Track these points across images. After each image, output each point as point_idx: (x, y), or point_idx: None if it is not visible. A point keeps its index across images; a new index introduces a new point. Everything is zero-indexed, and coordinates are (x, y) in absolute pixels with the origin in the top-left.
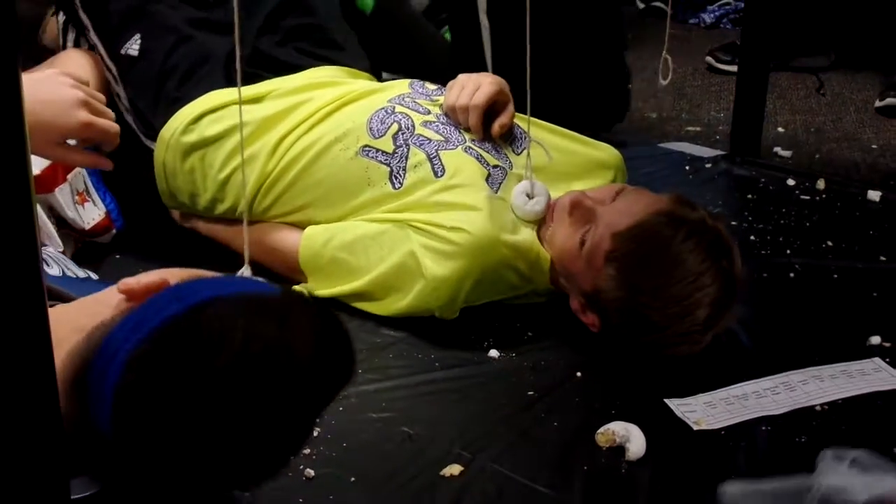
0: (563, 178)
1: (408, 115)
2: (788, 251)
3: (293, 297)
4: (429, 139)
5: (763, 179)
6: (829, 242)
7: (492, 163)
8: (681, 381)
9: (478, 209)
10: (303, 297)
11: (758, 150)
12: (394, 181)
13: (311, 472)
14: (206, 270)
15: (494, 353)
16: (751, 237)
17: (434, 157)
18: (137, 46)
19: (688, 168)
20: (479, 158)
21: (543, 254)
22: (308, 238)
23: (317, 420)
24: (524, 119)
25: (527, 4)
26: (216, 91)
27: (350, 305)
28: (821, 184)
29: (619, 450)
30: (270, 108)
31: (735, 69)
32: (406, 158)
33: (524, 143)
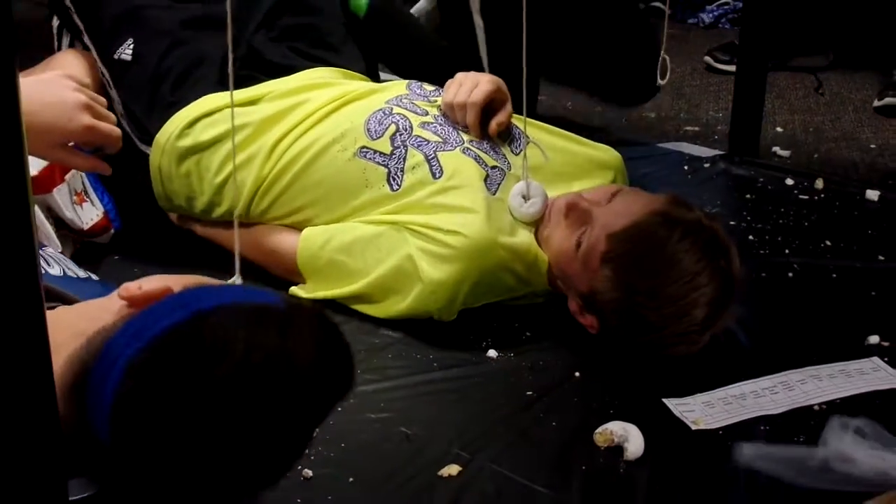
0: (563, 179)
1: (405, 117)
2: (787, 251)
3: (295, 307)
4: (427, 140)
5: (761, 179)
6: (828, 242)
7: (490, 164)
8: (679, 381)
9: (475, 212)
10: (304, 307)
11: (756, 150)
12: (392, 183)
13: (310, 473)
14: (208, 277)
15: (493, 354)
16: (749, 237)
17: (432, 159)
18: (130, 51)
19: (686, 168)
20: (478, 159)
21: (541, 255)
22: (306, 240)
23: (316, 429)
24: (521, 119)
25: (523, 5)
26: (211, 95)
27: (348, 306)
28: (819, 183)
29: (618, 450)
30: (267, 111)
31: (733, 69)
32: (404, 160)
33: (522, 144)
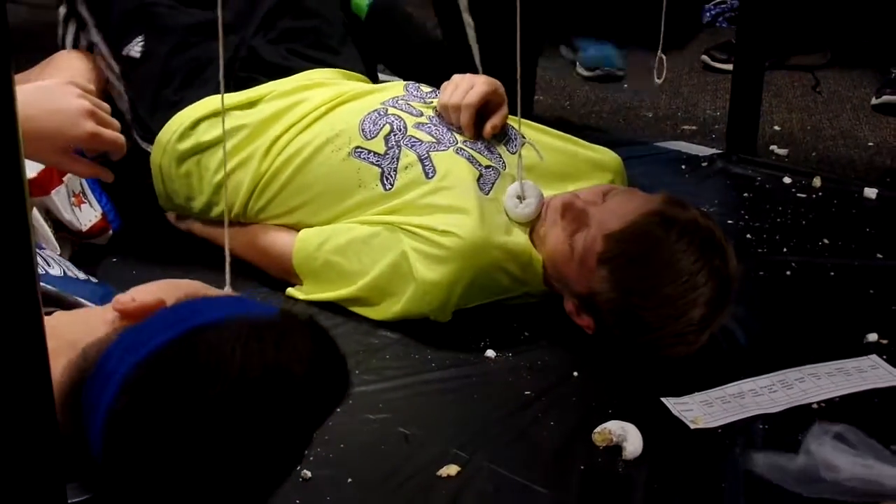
0: (561, 180)
1: (400, 117)
2: (785, 249)
3: (289, 319)
4: (420, 140)
5: (759, 178)
6: (826, 240)
7: (484, 163)
8: (677, 380)
9: (468, 212)
10: (298, 317)
11: (754, 149)
12: (385, 182)
13: (308, 474)
14: (201, 283)
15: (491, 354)
16: (747, 235)
17: (425, 159)
18: (140, 49)
19: (684, 167)
20: (471, 159)
21: (536, 255)
22: (302, 241)
23: (310, 440)
24: (516, 120)
25: (517, 5)
26: (213, 96)
27: (346, 307)
28: (817, 181)
29: (616, 449)
30: (265, 111)
31: (731, 68)
32: (397, 160)
33: (518, 144)
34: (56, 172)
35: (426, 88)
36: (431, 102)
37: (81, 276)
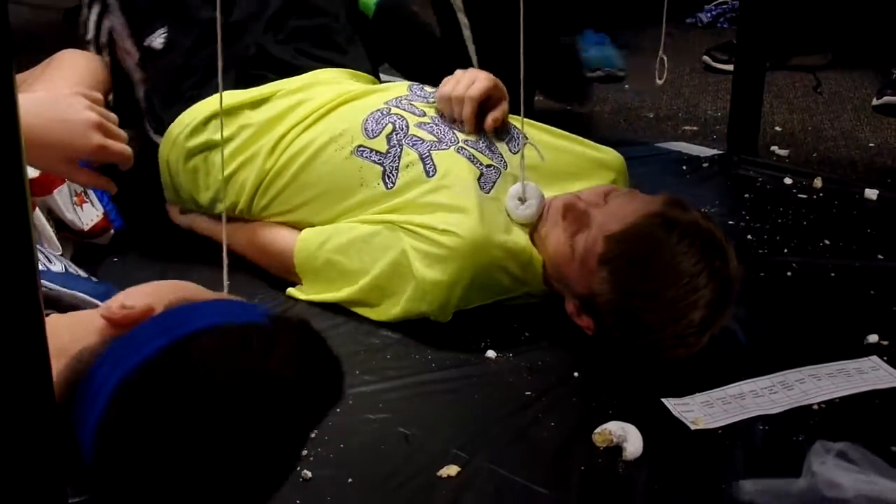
0: (564, 179)
1: (403, 117)
2: (786, 250)
3: (280, 323)
4: (422, 139)
5: (760, 178)
6: (827, 241)
7: (485, 163)
8: (678, 381)
9: (468, 211)
10: (289, 321)
11: (755, 149)
12: (386, 181)
13: (309, 474)
14: (194, 285)
15: (491, 354)
16: (748, 236)
17: (426, 157)
18: (162, 40)
19: (685, 167)
20: (472, 159)
21: (536, 255)
22: (303, 241)
23: (305, 444)
24: (518, 119)
25: (520, 5)
26: (224, 92)
27: (346, 308)
28: (818, 182)
29: (616, 449)
30: (271, 110)
31: (732, 68)
32: (399, 158)
33: (520, 143)
34: None
35: (429, 88)
36: (434, 103)
37: (83, 275)
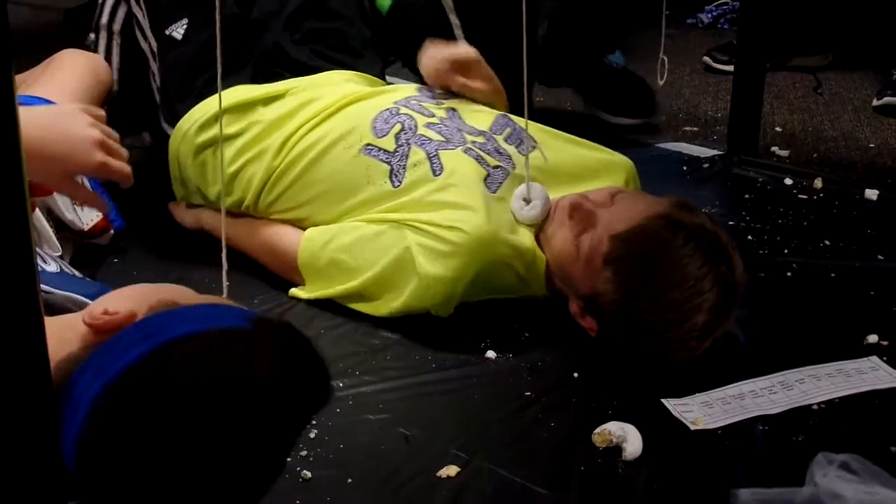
0: (573, 181)
1: (412, 117)
2: (786, 250)
3: (262, 325)
4: (430, 139)
5: (760, 179)
6: (827, 241)
7: (492, 164)
8: (678, 381)
9: (474, 209)
10: (273, 323)
11: (755, 150)
12: (393, 179)
13: (309, 474)
14: (180, 287)
15: (491, 354)
16: (748, 237)
17: (433, 156)
18: (182, 31)
19: (685, 168)
20: (479, 159)
21: (540, 257)
22: (307, 240)
23: (287, 453)
24: (523, 121)
25: (523, 6)
26: (238, 87)
27: (347, 307)
28: (818, 183)
29: (616, 450)
30: (283, 107)
31: (732, 69)
32: (406, 157)
33: (526, 145)
34: None
35: (438, 90)
36: (443, 104)
37: (77, 275)
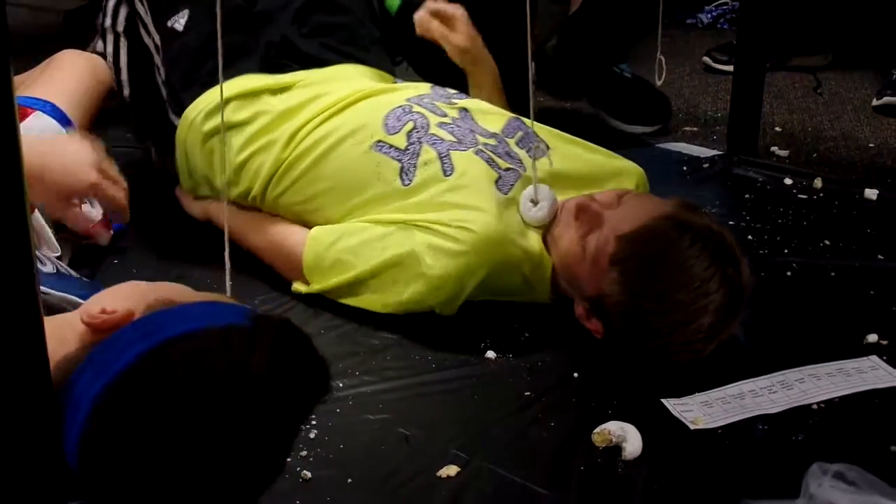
0: (582, 186)
1: (424, 115)
2: (786, 250)
3: (261, 322)
4: (442, 139)
5: (760, 179)
6: (827, 241)
7: (503, 166)
8: (677, 381)
9: (484, 210)
10: (271, 319)
11: (755, 150)
12: (403, 177)
13: (309, 474)
14: (176, 285)
15: (491, 355)
16: (748, 236)
17: (445, 156)
18: (184, 22)
19: (685, 168)
20: (490, 162)
21: (546, 259)
22: (313, 239)
23: (287, 449)
24: (530, 123)
25: (526, 6)
26: (246, 76)
27: (347, 307)
28: (818, 183)
29: (616, 449)
30: (293, 99)
31: (732, 69)
32: (417, 155)
33: (539, 152)
34: None
35: (452, 90)
36: (456, 103)
37: (74, 275)
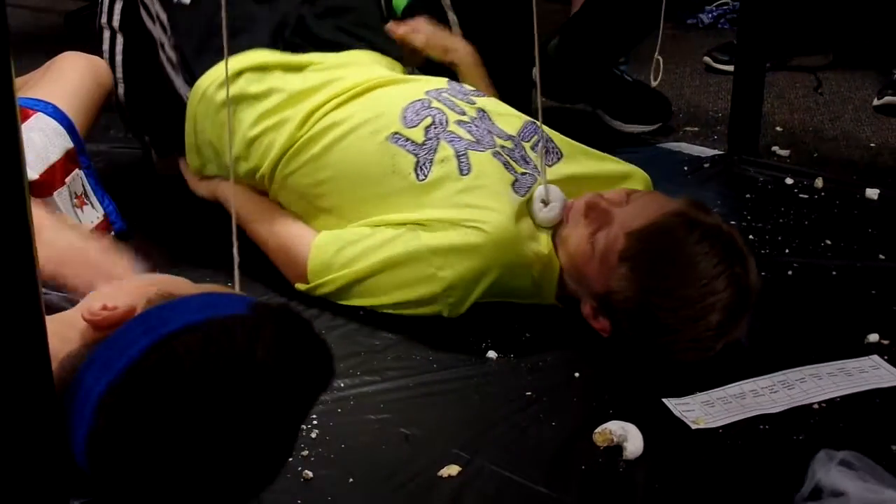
0: (590, 189)
1: (443, 112)
2: (787, 250)
3: (262, 311)
4: (460, 137)
5: (761, 178)
6: (828, 241)
7: (519, 171)
8: (679, 381)
9: (499, 210)
10: (272, 308)
11: (756, 150)
12: (419, 172)
13: (310, 474)
14: (176, 278)
15: (492, 355)
16: (750, 236)
17: (462, 155)
18: None
19: (686, 168)
20: (507, 165)
21: (555, 262)
22: (318, 248)
23: (295, 436)
24: (552, 134)
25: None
26: (260, 50)
27: (348, 308)
28: (819, 182)
29: (617, 449)
30: (306, 81)
31: (733, 69)
32: (434, 151)
33: (554, 157)
34: (59, 174)
35: (469, 87)
36: (475, 102)
37: None
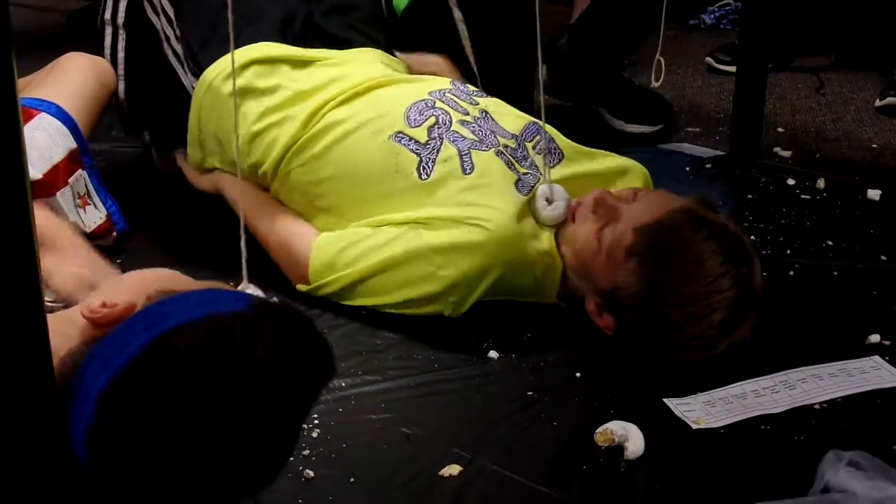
0: (592, 186)
1: (446, 112)
2: (789, 251)
3: (262, 308)
4: (463, 137)
5: (763, 179)
6: (830, 242)
7: (521, 171)
8: (680, 381)
9: (502, 209)
10: (272, 305)
11: (758, 150)
12: (421, 171)
13: (311, 474)
14: (176, 273)
15: (494, 354)
16: (751, 237)
17: (465, 154)
18: None
19: (688, 168)
20: (510, 164)
21: (558, 261)
22: (319, 249)
23: (296, 433)
24: (555, 134)
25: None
26: (269, 42)
27: (349, 308)
28: (821, 183)
29: (618, 449)
30: (311, 78)
31: (735, 69)
32: (437, 151)
33: (556, 157)
34: (62, 174)
35: (472, 87)
36: (478, 102)
37: None
